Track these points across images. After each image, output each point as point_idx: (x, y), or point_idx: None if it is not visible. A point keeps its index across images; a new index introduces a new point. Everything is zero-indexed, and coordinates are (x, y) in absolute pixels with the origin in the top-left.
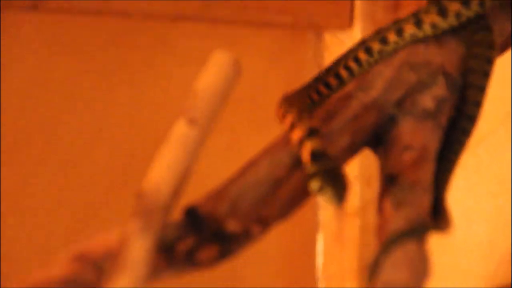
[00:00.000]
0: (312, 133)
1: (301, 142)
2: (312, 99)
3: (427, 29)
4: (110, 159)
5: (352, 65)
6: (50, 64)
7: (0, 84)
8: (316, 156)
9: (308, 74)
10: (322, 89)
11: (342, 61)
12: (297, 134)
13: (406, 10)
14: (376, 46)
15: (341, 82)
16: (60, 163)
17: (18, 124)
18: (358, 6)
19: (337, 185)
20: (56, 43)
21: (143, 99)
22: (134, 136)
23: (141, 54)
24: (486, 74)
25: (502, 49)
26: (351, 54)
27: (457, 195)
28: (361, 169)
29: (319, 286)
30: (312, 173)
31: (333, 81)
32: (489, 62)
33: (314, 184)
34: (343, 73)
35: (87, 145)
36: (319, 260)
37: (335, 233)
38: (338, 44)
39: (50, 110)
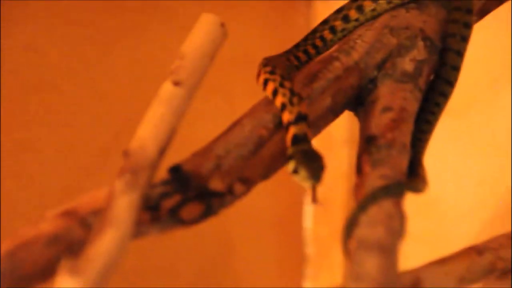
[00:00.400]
0: (299, 119)
1: (287, 126)
2: (291, 64)
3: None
4: (104, 120)
5: (327, 34)
6: (46, 28)
7: (0, 49)
8: (296, 140)
9: None
10: (301, 55)
11: (317, 32)
12: (286, 117)
13: None
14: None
15: (317, 51)
16: (56, 125)
17: (17, 86)
18: None
19: (311, 166)
20: (50, 7)
21: (137, 63)
22: (128, 98)
23: (136, 19)
24: (464, 39)
25: (482, 14)
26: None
27: (447, 159)
28: (349, 133)
29: (308, 249)
30: (289, 155)
31: (311, 49)
32: (467, 27)
33: (290, 166)
34: (318, 42)
35: (82, 107)
36: (307, 223)
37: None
38: (328, 11)
39: (46, 73)
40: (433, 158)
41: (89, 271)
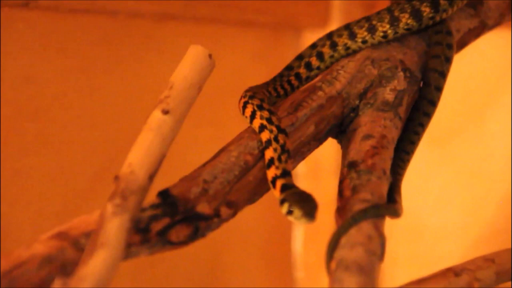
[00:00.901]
0: (285, 174)
1: (274, 180)
2: (271, 92)
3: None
4: (98, 147)
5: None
6: (42, 59)
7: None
8: (285, 188)
9: None
10: (285, 85)
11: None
12: (272, 172)
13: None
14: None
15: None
16: (52, 152)
17: (14, 116)
18: (335, 5)
19: (304, 206)
20: (46, 40)
21: (129, 93)
22: (120, 127)
23: (128, 51)
24: (448, 60)
25: (460, 47)
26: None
27: (431, 185)
28: (336, 163)
29: (297, 273)
30: (282, 199)
31: (294, 80)
32: (448, 61)
33: (283, 208)
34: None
35: (77, 135)
36: (296, 247)
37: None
38: None
39: (43, 102)
40: (417, 184)
41: None
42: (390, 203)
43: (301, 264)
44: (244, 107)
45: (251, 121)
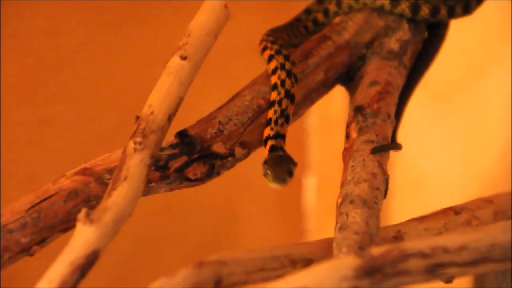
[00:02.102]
0: (277, 136)
1: (266, 139)
2: (290, 36)
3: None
4: (119, 96)
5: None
6: (65, 12)
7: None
8: (272, 149)
9: None
10: (302, 30)
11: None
12: (266, 132)
13: None
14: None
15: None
16: (76, 101)
17: (39, 66)
18: None
19: (277, 170)
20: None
21: (148, 44)
22: (138, 74)
23: (148, 5)
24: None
25: None
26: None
27: (433, 138)
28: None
29: (307, 224)
30: (264, 161)
31: (310, 24)
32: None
33: (263, 170)
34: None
35: (100, 84)
36: (308, 199)
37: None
38: None
39: (66, 53)
40: (420, 136)
41: (104, 220)
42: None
43: (312, 215)
44: (264, 49)
45: (267, 63)
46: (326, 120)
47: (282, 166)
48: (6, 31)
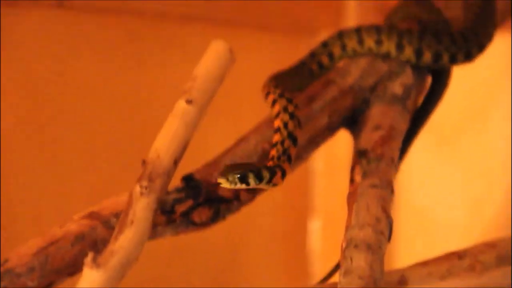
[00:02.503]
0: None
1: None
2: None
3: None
4: (125, 139)
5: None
6: (73, 56)
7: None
8: None
9: None
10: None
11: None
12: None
13: None
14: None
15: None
16: (82, 142)
17: (47, 107)
18: (349, 8)
19: (232, 170)
20: (77, 38)
21: (154, 87)
22: (145, 119)
23: (153, 49)
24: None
25: None
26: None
27: (438, 182)
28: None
29: (313, 269)
30: None
31: (315, 67)
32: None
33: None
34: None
35: (105, 126)
36: (313, 243)
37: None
38: None
39: (73, 96)
40: (425, 180)
41: (111, 263)
42: None
43: (317, 258)
44: (268, 93)
45: (271, 107)
46: (331, 163)
47: (240, 169)
48: (12, 72)
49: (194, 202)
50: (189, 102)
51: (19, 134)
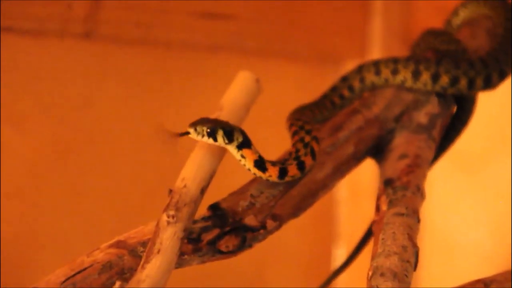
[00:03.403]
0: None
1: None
2: (315, 112)
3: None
4: (151, 168)
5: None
6: (101, 86)
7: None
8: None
9: None
10: (328, 104)
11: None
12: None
13: None
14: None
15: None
16: (109, 172)
17: (74, 139)
18: (373, 38)
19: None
20: (105, 68)
21: (181, 117)
22: (172, 148)
23: (180, 79)
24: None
25: None
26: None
27: (463, 207)
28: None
29: None
30: None
31: (337, 99)
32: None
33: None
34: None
35: (132, 157)
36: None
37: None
38: None
39: (100, 126)
40: (450, 206)
41: None
42: None
43: (342, 281)
44: (290, 125)
45: (292, 138)
46: (356, 191)
47: (212, 124)
48: (40, 101)
49: (221, 230)
50: None
51: (46, 162)
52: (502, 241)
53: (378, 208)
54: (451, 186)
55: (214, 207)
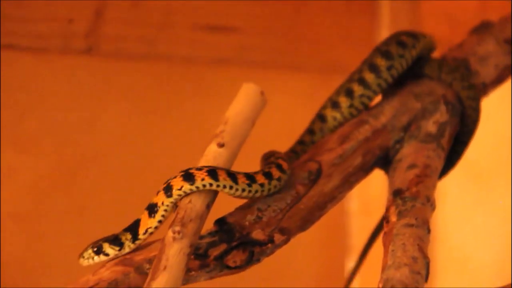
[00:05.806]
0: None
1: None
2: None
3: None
4: (156, 185)
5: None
6: (103, 103)
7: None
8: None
9: None
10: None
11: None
12: None
13: None
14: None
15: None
16: (113, 191)
17: (77, 157)
18: None
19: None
20: (107, 84)
21: (185, 133)
22: (175, 162)
23: (184, 94)
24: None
25: (497, 82)
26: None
27: (475, 221)
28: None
29: None
30: None
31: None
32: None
33: None
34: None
35: (136, 173)
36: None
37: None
38: None
39: (103, 144)
40: (462, 219)
41: None
42: None
43: None
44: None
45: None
46: (367, 203)
47: (95, 243)
48: (41, 118)
49: (228, 246)
50: (220, 145)
51: (50, 181)
52: None
53: (387, 220)
54: (464, 197)
55: (220, 222)
